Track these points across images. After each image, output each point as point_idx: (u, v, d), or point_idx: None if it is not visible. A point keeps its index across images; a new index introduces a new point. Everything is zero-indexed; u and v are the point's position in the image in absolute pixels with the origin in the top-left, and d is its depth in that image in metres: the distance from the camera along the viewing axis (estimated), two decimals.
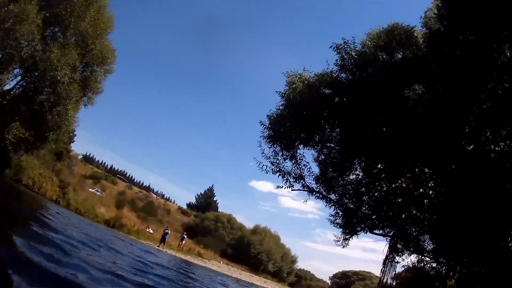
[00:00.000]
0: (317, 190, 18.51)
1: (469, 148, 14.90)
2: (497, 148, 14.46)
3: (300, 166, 18.30)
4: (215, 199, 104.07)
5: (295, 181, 18.37)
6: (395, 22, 16.64)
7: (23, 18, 23.64)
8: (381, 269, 18.23)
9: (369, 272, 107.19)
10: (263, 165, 18.20)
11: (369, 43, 16.53)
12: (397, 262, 18.03)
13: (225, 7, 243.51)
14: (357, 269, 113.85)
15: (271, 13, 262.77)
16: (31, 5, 24.23)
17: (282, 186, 18.28)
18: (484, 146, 14.50)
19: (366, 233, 18.47)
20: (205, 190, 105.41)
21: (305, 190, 18.60)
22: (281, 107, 18.29)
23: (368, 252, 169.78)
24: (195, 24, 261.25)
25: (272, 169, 18.31)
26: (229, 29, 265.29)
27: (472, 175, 13.59)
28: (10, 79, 27.08)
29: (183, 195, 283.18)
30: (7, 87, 28.19)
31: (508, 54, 13.45)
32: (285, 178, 18.25)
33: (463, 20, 13.30)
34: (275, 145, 18.12)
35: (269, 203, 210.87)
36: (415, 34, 16.53)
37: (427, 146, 14.95)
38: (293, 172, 18.37)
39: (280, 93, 18.21)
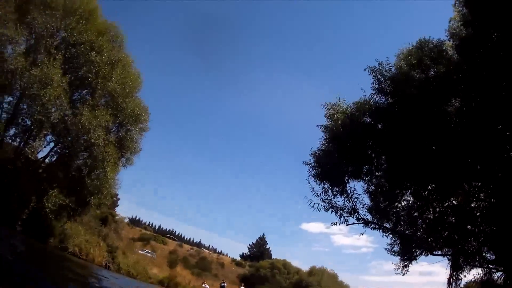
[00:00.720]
0: (372, 221, 18.00)
1: None
2: None
3: (352, 199, 17.75)
4: (267, 246, 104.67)
5: (349, 215, 17.81)
6: (423, 38, 16.34)
7: (48, 83, 23.26)
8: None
9: None
10: (314, 203, 17.67)
11: (402, 62, 16.13)
12: (460, 279, 17.43)
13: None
14: None
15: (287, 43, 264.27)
16: (54, 68, 23.89)
17: (337, 223, 17.93)
18: None
19: (426, 256, 17.98)
20: (257, 239, 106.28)
21: (360, 223, 18.01)
22: (324, 142, 17.97)
23: (425, 276, 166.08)
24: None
25: (324, 206, 17.76)
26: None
27: None
28: (43, 146, 26.83)
29: (235, 247, 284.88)
30: (41, 154, 28.00)
31: None
32: (338, 214, 17.69)
33: (489, 23, 13.00)
34: (324, 182, 17.68)
35: (322, 243, 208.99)
36: (445, 47, 15.98)
37: (473, 159, 14.56)
38: (346, 207, 17.81)
39: (322, 127, 17.90)
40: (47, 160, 28.36)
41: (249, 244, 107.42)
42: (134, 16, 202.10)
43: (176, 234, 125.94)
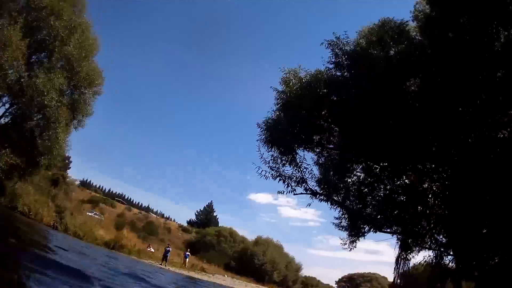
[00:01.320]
0: (320, 192, 17.77)
1: (471, 139, 14.35)
2: (499, 136, 13.98)
3: (301, 169, 17.49)
4: (215, 214, 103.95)
5: (297, 185, 17.51)
6: (386, 17, 16.07)
7: (7, 44, 23.46)
8: (394, 268, 17.73)
9: (374, 273, 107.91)
10: (262, 171, 17.33)
11: (362, 40, 16.01)
12: (409, 260, 17.62)
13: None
14: (362, 271, 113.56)
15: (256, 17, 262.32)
16: (14, 31, 24.04)
17: (284, 192, 17.59)
18: (485, 135, 13.94)
19: (375, 232, 17.88)
20: (204, 207, 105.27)
21: (308, 194, 17.76)
22: (277, 108, 17.65)
23: (371, 254, 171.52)
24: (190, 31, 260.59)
25: (272, 174, 17.46)
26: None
27: (476, 165, 13.24)
28: None
29: (182, 213, 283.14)
30: None
31: (503, 39, 13.02)
32: (286, 183, 17.38)
33: (454, 6, 12.90)
34: (273, 149, 17.35)
35: (270, 215, 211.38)
36: (408, 28, 15.97)
37: (429, 140, 14.61)
38: (294, 176, 17.53)
39: (276, 92, 17.47)
40: (2, 121, 28.46)
41: (197, 211, 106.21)
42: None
43: (126, 198, 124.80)
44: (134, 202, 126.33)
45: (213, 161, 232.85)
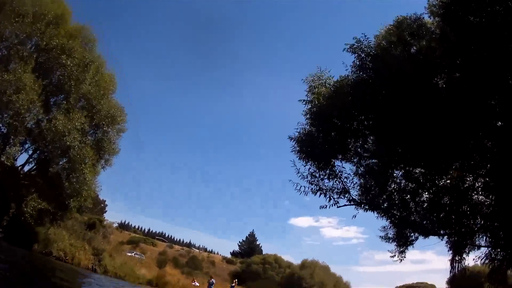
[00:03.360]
0: (365, 202, 16.94)
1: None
2: None
3: (342, 180, 16.58)
4: (258, 243, 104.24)
5: (339, 197, 16.59)
6: (401, 15, 15.54)
7: (20, 88, 23.30)
8: (450, 270, 17.02)
9: (422, 282, 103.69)
10: (301, 187, 16.44)
11: (382, 42, 15.31)
12: (464, 259, 16.73)
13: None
14: (411, 282, 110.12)
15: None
16: (27, 73, 23.92)
17: (326, 206, 16.55)
18: None
19: (425, 237, 17.05)
20: (246, 236, 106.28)
21: (352, 204, 16.90)
22: (307, 118, 16.77)
23: (417, 264, 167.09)
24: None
25: (312, 188, 16.52)
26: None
27: None
28: (19, 152, 26.81)
29: (225, 245, 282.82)
30: (21, 161, 28.13)
31: None
32: (327, 196, 16.44)
33: None
34: (309, 163, 16.42)
35: (313, 237, 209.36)
36: (425, 22, 15.31)
37: (466, 135, 13.82)
38: (336, 188, 16.61)
39: (304, 103, 16.69)
40: (26, 167, 28.43)
41: (239, 242, 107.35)
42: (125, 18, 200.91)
43: (166, 236, 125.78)
44: (175, 239, 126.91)
45: (249, 191, 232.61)
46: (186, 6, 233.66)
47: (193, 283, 49.95)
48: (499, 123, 13.83)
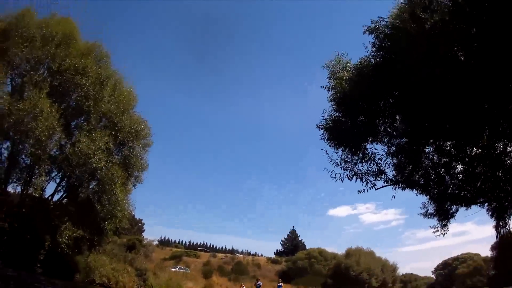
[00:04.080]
0: (401, 180, 16.79)
1: None
2: None
3: (376, 161, 16.46)
4: (300, 239, 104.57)
5: (376, 179, 16.56)
6: None
7: (37, 114, 22.39)
8: (496, 235, 17.34)
9: (467, 253, 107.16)
10: (336, 174, 16.48)
11: (397, 21, 14.55)
12: (506, 224, 16.61)
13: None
14: (455, 255, 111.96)
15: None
16: (42, 99, 22.96)
17: (364, 190, 16.53)
18: None
19: (467, 208, 16.90)
20: (288, 234, 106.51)
21: (389, 185, 16.86)
22: (332, 105, 16.68)
23: (459, 236, 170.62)
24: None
25: (347, 174, 16.55)
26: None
27: None
28: (47, 182, 25.70)
29: (268, 246, 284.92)
30: (49, 191, 27.28)
31: None
32: (364, 180, 16.38)
33: None
34: (341, 149, 16.49)
35: (353, 225, 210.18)
36: None
37: (491, 102, 13.51)
38: (371, 170, 16.54)
39: (327, 89, 16.55)
40: (56, 196, 27.57)
41: (282, 240, 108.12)
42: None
43: (208, 245, 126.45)
44: (217, 247, 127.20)
45: (284, 188, 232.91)
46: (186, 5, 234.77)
47: None
48: None
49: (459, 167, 16.14)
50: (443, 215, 17.62)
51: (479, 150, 15.45)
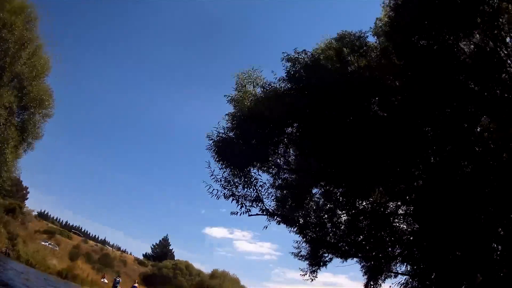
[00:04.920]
0: (278, 213, 16.82)
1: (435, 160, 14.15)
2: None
3: (257, 188, 16.41)
4: (171, 248, 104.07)
5: (252, 205, 16.41)
6: (345, 30, 15.89)
7: None
8: None
9: None
10: (213, 190, 16.20)
11: (320, 55, 15.46)
12: (377, 286, 17.21)
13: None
14: None
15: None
16: None
17: (238, 213, 16.23)
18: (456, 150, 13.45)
19: (342, 260, 16.97)
20: (160, 240, 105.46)
21: (264, 214, 16.68)
22: (230, 124, 16.64)
23: (329, 286, 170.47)
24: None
25: (225, 193, 16.26)
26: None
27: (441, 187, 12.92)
28: None
29: (139, 247, 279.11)
30: None
31: (467, 50, 13.02)
32: (240, 203, 16.19)
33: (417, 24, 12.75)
34: (226, 169, 16.31)
35: (226, 249, 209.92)
36: (367, 41, 15.71)
37: (392, 161, 14.09)
38: (249, 195, 16.43)
39: (230, 99, 16.87)
40: None
41: (153, 245, 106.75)
42: None
43: (83, 230, 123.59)
44: (91, 235, 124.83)
45: (168, 195, 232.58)
46: None
47: (103, 280, 49.69)
48: (432, 157, 14.07)
49: (344, 217, 16.38)
50: (315, 261, 17.40)
51: (369, 205, 15.88)
